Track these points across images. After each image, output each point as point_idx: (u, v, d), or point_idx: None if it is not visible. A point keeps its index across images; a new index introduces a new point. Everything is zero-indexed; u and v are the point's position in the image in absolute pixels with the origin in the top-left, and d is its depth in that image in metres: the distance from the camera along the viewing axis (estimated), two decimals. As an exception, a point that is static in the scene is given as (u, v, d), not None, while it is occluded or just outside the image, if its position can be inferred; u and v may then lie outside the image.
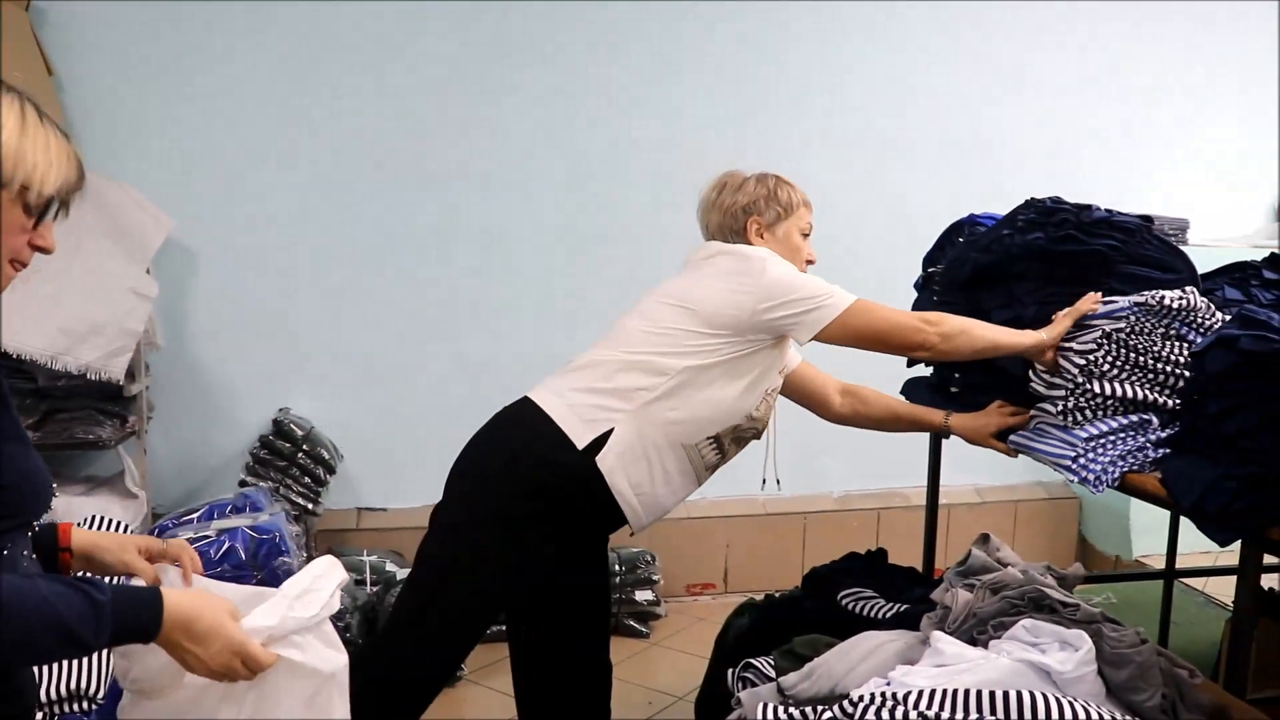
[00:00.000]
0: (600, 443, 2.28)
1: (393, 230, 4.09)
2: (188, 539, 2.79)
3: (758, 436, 2.55)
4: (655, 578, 4.09)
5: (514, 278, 4.20)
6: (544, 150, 4.14)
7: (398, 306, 4.15)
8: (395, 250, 4.11)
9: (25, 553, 1.46)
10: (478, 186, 4.13)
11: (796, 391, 2.76)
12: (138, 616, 1.33)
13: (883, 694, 1.71)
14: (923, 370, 2.95)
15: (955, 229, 2.82)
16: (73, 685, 2.33)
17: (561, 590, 2.51)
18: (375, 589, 3.53)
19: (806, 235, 2.53)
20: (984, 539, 2.17)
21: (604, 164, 4.21)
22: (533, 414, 2.32)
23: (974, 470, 4.48)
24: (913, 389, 2.96)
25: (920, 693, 1.67)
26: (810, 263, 2.54)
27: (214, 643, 1.37)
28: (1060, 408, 2.25)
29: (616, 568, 4.03)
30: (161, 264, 3.76)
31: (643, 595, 4.05)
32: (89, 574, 1.56)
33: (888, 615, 2.47)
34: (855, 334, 2.33)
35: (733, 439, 2.47)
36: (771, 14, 4.26)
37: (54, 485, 1.53)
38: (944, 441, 3.02)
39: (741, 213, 2.49)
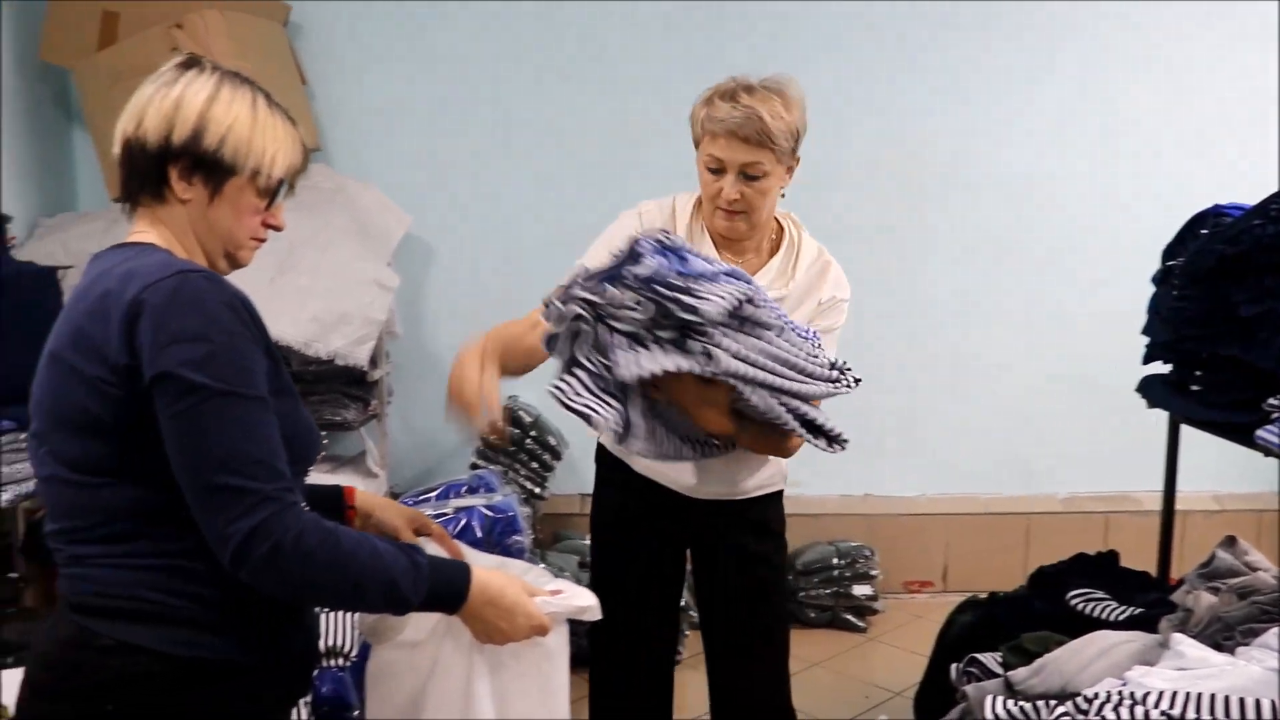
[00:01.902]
0: None
1: (618, 224, 4.20)
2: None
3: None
4: (874, 573, 4.07)
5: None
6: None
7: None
8: (622, 245, 4.21)
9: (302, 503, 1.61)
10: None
11: None
12: (451, 583, 1.47)
13: (1119, 693, 1.67)
14: (1161, 368, 2.83)
15: (1198, 220, 2.69)
16: (330, 642, 2.52)
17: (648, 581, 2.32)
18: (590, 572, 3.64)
19: (714, 171, 2.06)
20: (1230, 541, 2.08)
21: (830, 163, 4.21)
22: None
23: (1214, 476, 4.24)
24: (1151, 387, 2.84)
25: (1161, 694, 1.62)
26: (729, 201, 2.05)
27: (517, 616, 1.51)
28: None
29: (835, 560, 4.03)
30: (400, 258, 3.98)
31: (861, 590, 4.03)
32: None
33: (1120, 617, 2.39)
34: None
35: None
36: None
37: (324, 438, 1.71)
38: (1181, 443, 2.89)
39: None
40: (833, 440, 1.91)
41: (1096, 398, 4.24)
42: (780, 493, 2.32)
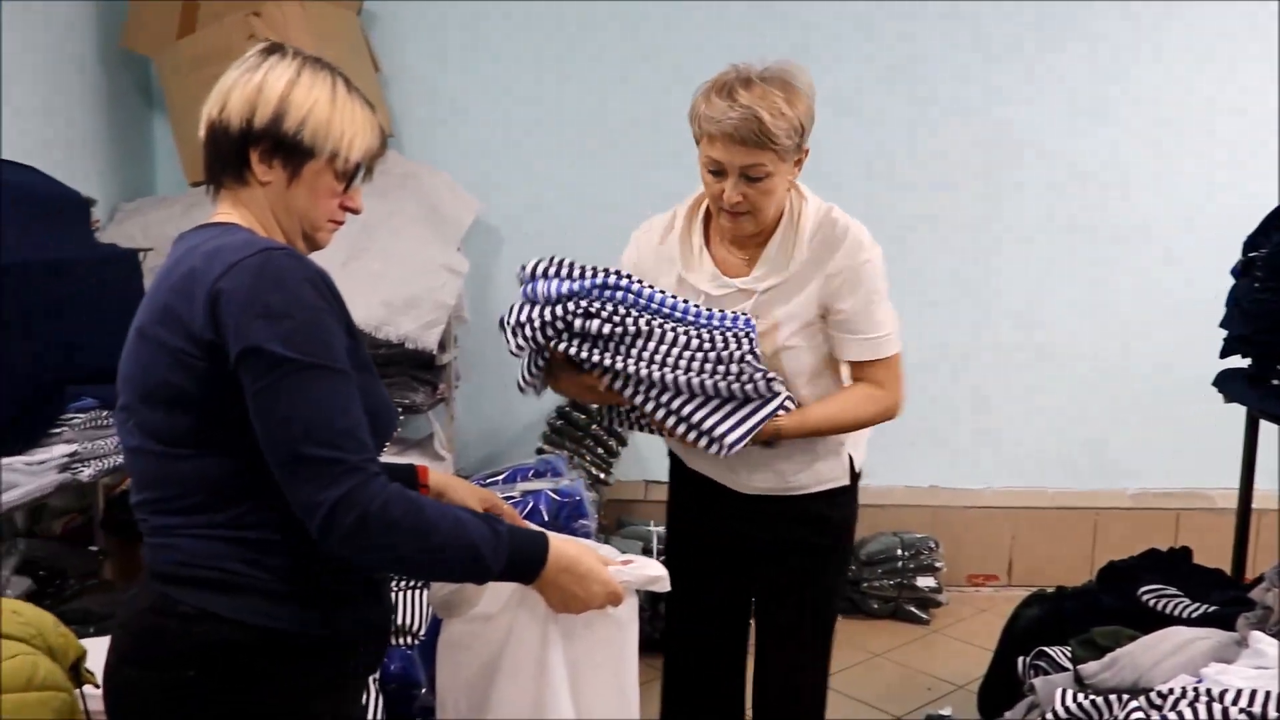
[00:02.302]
0: None
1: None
2: (495, 499, 3.00)
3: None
4: (938, 565, 4.04)
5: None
6: (841, 139, 4.14)
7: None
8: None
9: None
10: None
11: None
12: (529, 551, 1.50)
13: (1195, 689, 1.65)
14: (1239, 361, 2.78)
15: (1281, 211, 2.64)
16: (399, 620, 2.56)
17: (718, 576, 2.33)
18: (662, 559, 3.66)
19: (715, 173, 1.98)
20: (1311, 538, 2.03)
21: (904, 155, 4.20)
22: None
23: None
24: (1228, 381, 2.79)
25: (1239, 692, 1.60)
26: (731, 203, 1.98)
27: (593, 584, 1.54)
28: None
29: (899, 552, 4.01)
30: (469, 243, 4.02)
31: (924, 582, 4.00)
32: None
33: (1194, 614, 2.36)
34: None
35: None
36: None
37: (400, 415, 1.74)
38: (1259, 439, 2.84)
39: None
40: (713, 441, 1.99)
41: (1168, 392, 4.17)
42: (847, 489, 2.24)
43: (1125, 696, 1.72)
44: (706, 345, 1.96)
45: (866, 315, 2.08)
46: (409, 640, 2.58)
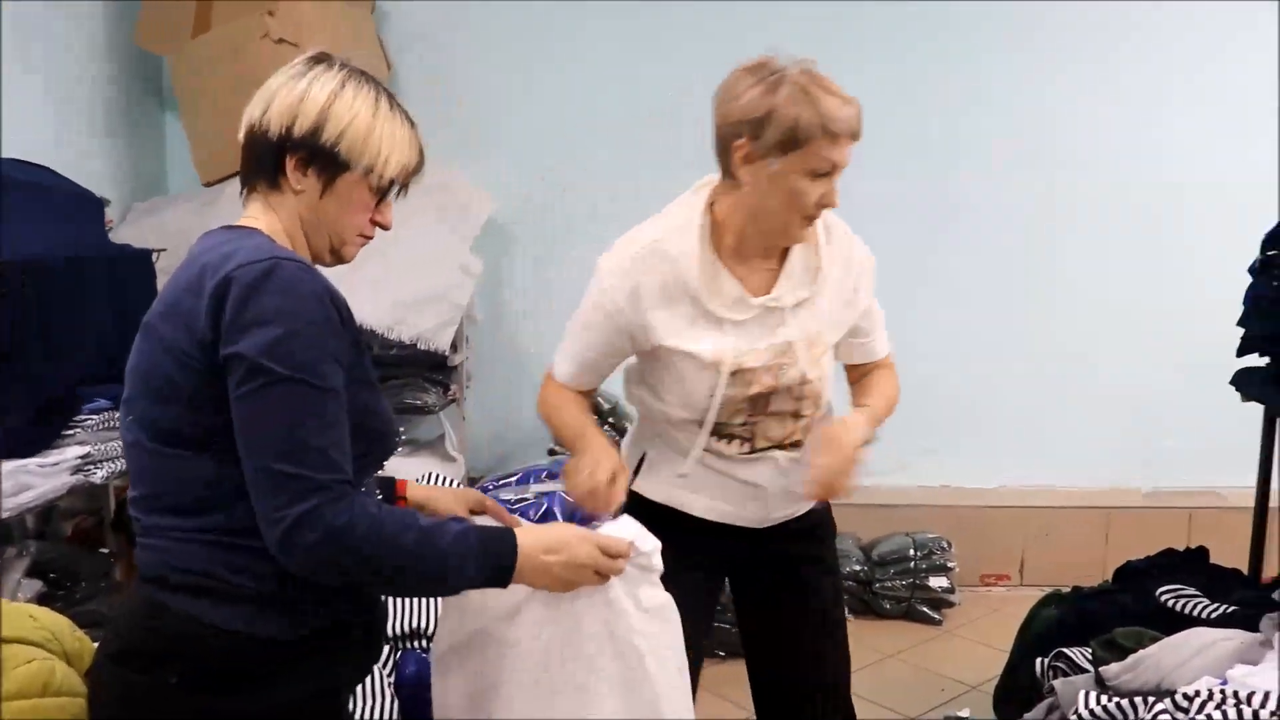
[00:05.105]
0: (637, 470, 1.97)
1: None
2: (508, 500, 3.00)
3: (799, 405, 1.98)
4: (950, 565, 4.03)
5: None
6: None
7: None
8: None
9: (377, 493, 1.62)
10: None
11: (847, 359, 2.19)
12: (499, 548, 1.43)
13: (1221, 691, 1.64)
14: (1256, 360, 2.77)
15: (1301, 209, 2.62)
16: (412, 624, 2.55)
17: (745, 612, 2.20)
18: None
19: (824, 174, 1.81)
20: (1335, 538, 2.02)
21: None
22: None
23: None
24: (1246, 380, 2.77)
25: (1267, 694, 1.59)
26: (825, 205, 1.84)
27: (572, 543, 1.47)
28: None
29: (911, 552, 4.00)
30: (481, 243, 4.01)
31: (937, 581, 3.99)
32: None
33: (1214, 615, 2.34)
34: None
35: (727, 432, 1.97)
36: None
37: (400, 431, 1.70)
38: (1278, 437, 2.82)
39: (730, 129, 1.83)
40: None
41: (1183, 389, 4.15)
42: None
43: (1150, 699, 1.71)
44: None
45: (876, 310, 2.08)
46: (423, 644, 2.57)
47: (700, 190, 1.97)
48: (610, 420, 4.01)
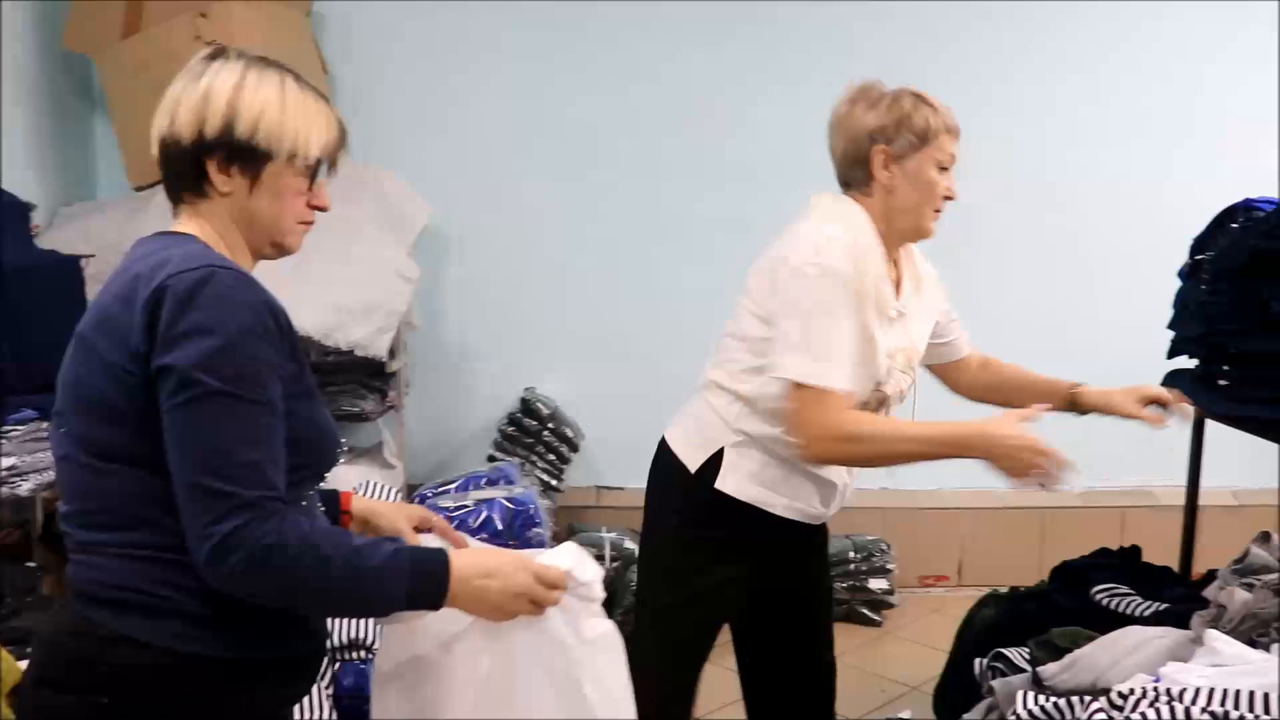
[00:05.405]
0: (714, 465, 2.10)
1: (638, 219, 4.22)
2: (448, 507, 2.97)
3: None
4: (890, 566, 4.06)
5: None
6: (788, 143, 4.15)
7: (642, 294, 4.27)
8: (640, 238, 4.23)
9: (319, 506, 1.59)
10: (721, 177, 4.21)
11: (933, 361, 2.46)
12: (431, 568, 1.39)
13: (1155, 689, 1.66)
14: (1186, 362, 2.82)
15: (1228, 214, 2.66)
16: (352, 634, 2.52)
17: (769, 599, 2.33)
18: (615, 565, 3.65)
19: (946, 168, 2.10)
20: (1264, 537, 2.07)
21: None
22: (662, 450, 2.23)
23: (1231, 472, 4.22)
24: (1175, 382, 2.82)
25: (1198, 691, 1.61)
26: (949, 199, 2.11)
27: (508, 570, 1.42)
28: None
29: (851, 554, 4.02)
30: (419, 249, 3.98)
31: (876, 584, 4.02)
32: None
33: (1147, 613, 2.38)
34: (786, 402, 2.03)
35: None
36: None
37: (343, 442, 1.66)
38: (1205, 438, 2.87)
39: (868, 139, 2.07)
40: None
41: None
42: None
43: (1087, 698, 1.73)
44: None
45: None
46: (362, 654, 2.54)
47: (841, 200, 2.11)
48: (550, 425, 4.00)
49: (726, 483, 2.08)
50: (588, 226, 4.21)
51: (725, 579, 2.16)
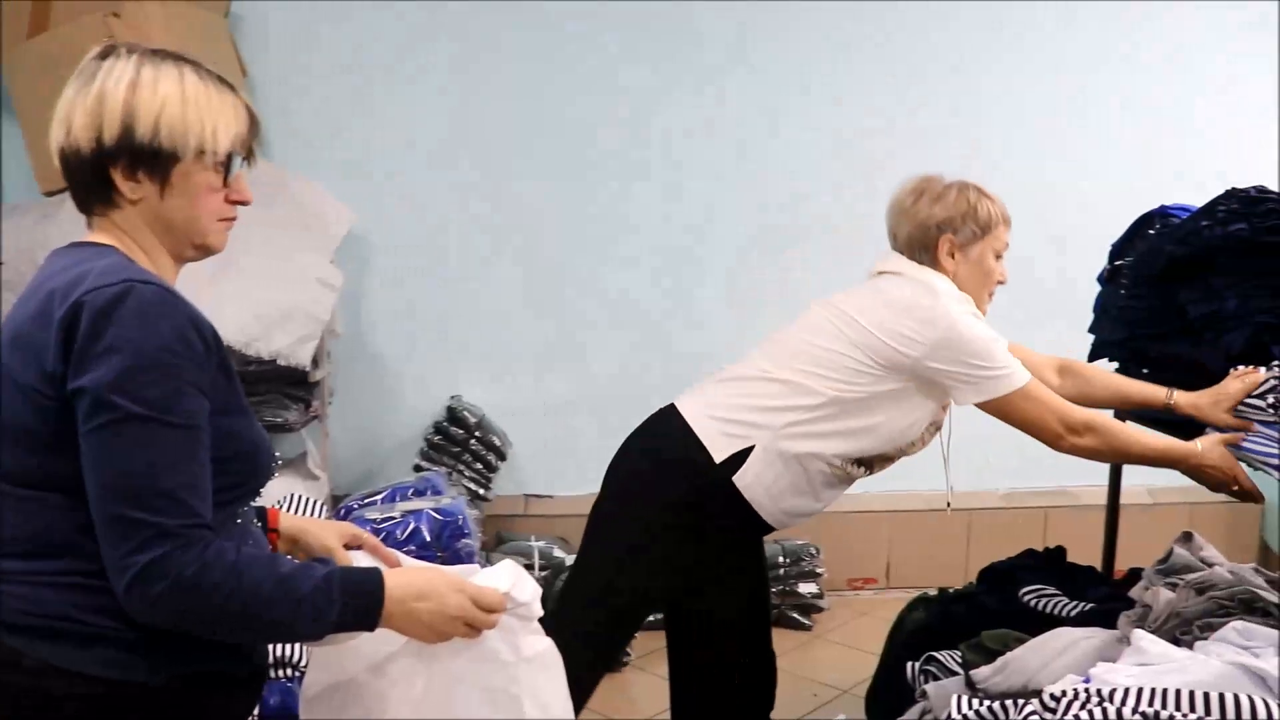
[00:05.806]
0: (739, 459, 2.25)
1: (563, 226, 4.18)
2: (374, 519, 2.91)
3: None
4: (819, 570, 4.09)
5: (687, 276, 4.25)
6: (710, 144, 4.17)
7: (566, 301, 4.24)
8: (565, 246, 4.20)
9: (255, 522, 1.54)
10: (648, 182, 4.20)
11: None
12: (365, 589, 1.36)
13: (1085, 690, 1.68)
14: (1106, 365, 2.87)
15: (1145, 220, 2.73)
16: (279, 653, 2.46)
17: (714, 589, 2.51)
18: (544, 574, 3.62)
19: (1000, 256, 2.38)
20: (1186, 537, 2.11)
21: (791, 158, 4.23)
22: (677, 423, 2.30)
23: (1146, 470, 4.30)
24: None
25: (1127, 691, 1.63)
26: (1001, 283, 2.40)
27: (443, 592, 1.39)
28: (1273, 400, 2.16)
29: (780, 559, 4.03)
30: (341, 256, 3.91)
31: (806, 588, 4.04)
32: (292, 556, 1.61)
33: (1073, 613, 2.41)
34: (1005, 414, 2.28)
35: (881, 461, 2.40)
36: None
37: (277, 456, 1.61)
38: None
39: (935, 228, 2.32)
40: None
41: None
42: None
43: (1020, 701, 1.75)
44: None
45: None
46: (288, 672, 2.48)
47: (924, 269, 2.35)
48: (476, 434, 3.96)
49: (745, 479, 2.23)
50: (512, 234, 4.18)
51: (691, 560, 2.34)
